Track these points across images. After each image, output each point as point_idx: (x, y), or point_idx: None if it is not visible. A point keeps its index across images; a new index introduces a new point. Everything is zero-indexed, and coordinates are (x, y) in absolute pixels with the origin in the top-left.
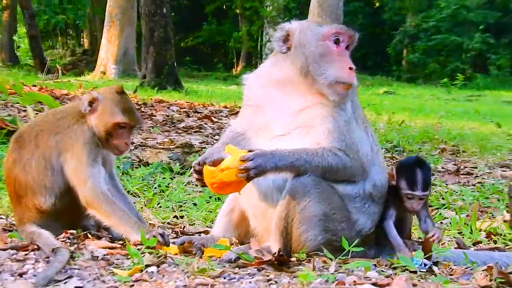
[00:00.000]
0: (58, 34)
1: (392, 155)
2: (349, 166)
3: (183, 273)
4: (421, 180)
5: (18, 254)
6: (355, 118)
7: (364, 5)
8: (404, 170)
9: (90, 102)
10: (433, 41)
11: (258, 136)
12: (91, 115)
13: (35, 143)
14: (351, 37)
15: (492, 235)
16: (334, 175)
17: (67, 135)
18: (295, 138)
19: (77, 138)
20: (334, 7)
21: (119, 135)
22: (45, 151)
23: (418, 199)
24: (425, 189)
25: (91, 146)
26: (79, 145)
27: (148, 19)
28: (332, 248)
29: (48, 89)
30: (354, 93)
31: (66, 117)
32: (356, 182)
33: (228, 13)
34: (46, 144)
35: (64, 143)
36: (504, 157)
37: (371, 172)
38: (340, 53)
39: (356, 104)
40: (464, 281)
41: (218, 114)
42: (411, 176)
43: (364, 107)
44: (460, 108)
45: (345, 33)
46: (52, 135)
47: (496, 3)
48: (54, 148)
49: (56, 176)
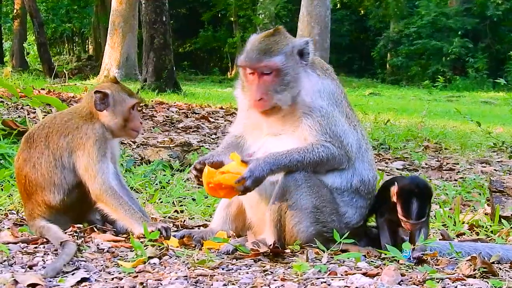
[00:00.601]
0: (65, 41)
1: (379, 152)
2: (336, 155)
3: (183, 264)
4: (416, 210)
5: (28, 247)
6: (340, 114)
7: (350, 13)
8: (402, 195)
9: (101, 99)
10: (415, 46)
11: (252, 136)
12: (104, 110)
13: (45, 143)
14: (255, 67)
15: (474, 227)
16: (324, 166)
17: (77, 136)
18: (284, 136)
19: (88, 137)
20: (322, 15)
21: (133, 118)
22: (55, 151)
23: (412, 224)
24: (418, 218)
25: (101, 143)
26: (90, 143)
27: (148, 27)
28: (323, 239)
29: (56, 92)
30: (334, 96)
31: (73, 118)
32: (343, 173)
33: (223, 21)
34: (57, 144)
35: (75, 143)
36: (483, 153)
37: (359, 167)
38: (252, 82)
39: (340, 104)
40: (450, 270)
41: (214, 115)
42: (407, 204)
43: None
44: (441, 108)
45: (247, 66)
46: (62, 136)
47: (473, 10)
48: (66, 148)
49: (65, 174)
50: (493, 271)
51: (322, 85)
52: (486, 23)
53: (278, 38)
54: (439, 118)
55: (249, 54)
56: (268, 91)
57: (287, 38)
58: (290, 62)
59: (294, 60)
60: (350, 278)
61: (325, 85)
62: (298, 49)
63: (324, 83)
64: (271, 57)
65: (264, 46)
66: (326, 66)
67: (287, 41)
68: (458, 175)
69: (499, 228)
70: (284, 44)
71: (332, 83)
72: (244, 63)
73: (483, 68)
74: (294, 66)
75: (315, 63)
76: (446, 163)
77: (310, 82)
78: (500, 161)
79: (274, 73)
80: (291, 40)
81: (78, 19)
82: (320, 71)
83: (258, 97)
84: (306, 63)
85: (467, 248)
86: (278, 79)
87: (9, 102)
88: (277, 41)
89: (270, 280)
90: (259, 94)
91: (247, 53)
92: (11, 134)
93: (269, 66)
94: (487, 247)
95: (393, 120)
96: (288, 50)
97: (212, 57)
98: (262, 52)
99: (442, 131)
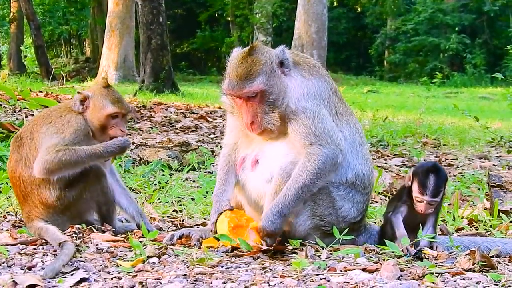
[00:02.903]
0: (62, 43)
1: (377, 149)
2: (327, 152)
3: (183, 263)
4: (432, 186)
5: (27, 249)
6: (328, 111)
7: (347, 11)
8: (418, 174)
9: (81, 101)
10: (412, 43)
11: (245, 140)
12: (85, 112)
13: (30, 137)
14: (239, 95)
15: (473, 222)
16: (326, 169)
17: (59, 122)
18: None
19: (70, 124)
20: (319, 14)
21: (114, 125)
22: (36, 141)
23: (427, 203)
24: (434, 196)
25: (80, 135)
26: (69, 130)
27: (145, 28)
28: (321, 233)
29: (54, 94)
30: (320, 94)
31: (58, 109)
32: (338, 168)
33: (220, 21)
34: (38, 132)
35: (54, 127)
36: (482, 149)
37: (353, 162)
38: (240, 107)
39: (328, 100)
40: (449, 265)
41: (212, 115)
42: (423, 180)
43: (350, 105)
44: (440, 104)
45: (232, 94)
46: (44, 124)
47: (470, 6)
48: (44, 133)
49: None
50: (492, 265)
51: (306, 86)
52: (483, 19)
53: (255, 58)
54: (437, 114)
55: (231, 81)
56: (257, 113)
57: (264, 53)
58: (273, 78)
59: (276, 73)
60: (349, 274)
61: (309, 85)
62: (278, 61)
63: (308, 84)
64: (253, 81)
65: (243, 71)
66: (312, 63)
67: (264, 58)
68: (457, 170)
69: (498, 223)
70: (262, 62)
71: (319, 81)
72: (228, 91)
73: (480, 64)
74: (277, 80)
75: (299, 63)
76: (444, 158)
77: (294, 87)
78: (498, 156)
79: (260, 94)
80: (268, 54)
81: (75, 21)
82: (305, 71)
83: (250, 121)
84: (288, 69)
85: (466, 243)
86: (264, 99)
87: (6, 105)
88: (255, 61)
89: (269, 277)
90: (249, 118)
91: (229, 80)
92: (9, 136)
93: (253, 91)
94: (486, 241)
95: (391, 117)
96: (267, 67)
97: (210, 57)
98: (243, 77)
99: (441, 127)
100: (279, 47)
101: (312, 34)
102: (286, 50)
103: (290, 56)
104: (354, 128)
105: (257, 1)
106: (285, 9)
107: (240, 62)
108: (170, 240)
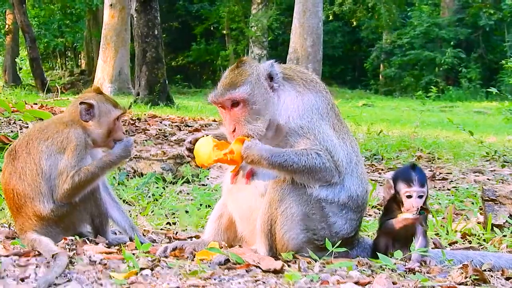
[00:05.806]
0: (57, 56)
1: (372, 163)
2: (328, 167)
3: (176, 275)
4: (417, 176)
5: (20, 260)
6: (327, 128)
7: (342, 25)
8: (399, 174)
9: (86, 110)
10: (407, 57)
11: None
12: (89, 121)
13: (26, 151)
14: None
15: (467, 236)
16: (316, 175)
17: (57, 139)
18: None
19: (69, 141)
20: (314, 27)
21: (117, 128)
22: (35, 157)
23: (417, 197)
24: (422, 185)
25: (82, 149)
26: (70, 147)
27: (141, 41)
28: (314, 247)
29: (49, 107)
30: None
31: (52, 124)
32: (331, 187)
33: (216, 34)
34: (36, 149)
35: (54, 146)
36: (476, 163)
37: (348, 183)
38: (225, 117)
39: (326, 117)
40: (441, 278)
41: (207, 128)
42: (407, 175)
43: (344, 119)
44: (435, 118)
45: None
46: (41, 141)
47: (466, 20)
48: (44, 152)
49: (49, 181)
50: (484, 279)
51: (301, 102)
52: (478, 33)
53: (242, 70)
54: (432, 128)
55: (216, 90)
56: (239, 122)
57: (252, 66)
58: (257, 89)
59: (263, 86)
60: (342, 287)
61: (304, 101)
62: (266, 74)
63: (304, 100)
64: (235, 89)
65: (228, 80)
66: (309, 78)
67: (251, 70)
68: (451, 184)
69: (492, 236)
70: (247, 73)
71: (316, 96)
72: (211, 98)
73: (476, 78)
74: (263, 92)
75: (294, 78)
76: (439, 172)
77: (286, 103)
78: (492, 170)
79: (242, 104)
80: (256, 68)
81: (71, 34)
82: (300, 87)
83: (232, 129)
84: (278, 84)
85: (459, 256)
86: (247, 108)
87: (1, 117)
88: (241, 73)
89: None
90: (232, 126)
91: (214, 89)
92: (3, 149)
93: (233, 98)
94: (479, 255)
95: (386, 131)
96: (252, 78)
97: (205, 70)
98: (227, 86)
99: (435, 141)
100: (268, 60)
101: (308, 48)
102: (275, 64)
103: (283, 70)
104: (350, 147)
105: (253, 14)
106: (281, 23)
107: (227, 74)
108: (163, 253)
